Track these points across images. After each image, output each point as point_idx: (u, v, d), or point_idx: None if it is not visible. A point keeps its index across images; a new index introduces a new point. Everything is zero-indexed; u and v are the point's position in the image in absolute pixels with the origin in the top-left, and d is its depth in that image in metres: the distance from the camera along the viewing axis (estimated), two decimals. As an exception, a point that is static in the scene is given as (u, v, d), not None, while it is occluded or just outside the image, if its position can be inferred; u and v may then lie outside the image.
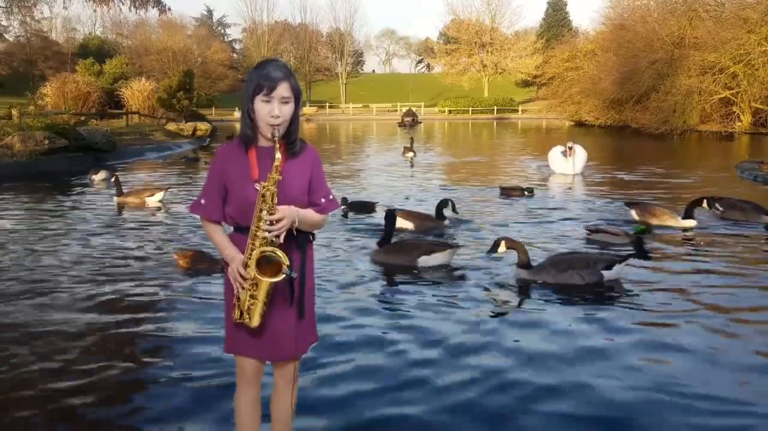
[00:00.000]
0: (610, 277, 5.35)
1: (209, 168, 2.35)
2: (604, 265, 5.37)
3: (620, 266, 5.43)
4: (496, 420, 3.18)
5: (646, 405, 3.30)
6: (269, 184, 2.15)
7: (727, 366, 3.81)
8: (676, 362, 3.87)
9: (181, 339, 4.28)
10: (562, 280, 5.33)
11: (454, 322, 4.57)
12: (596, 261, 5.40)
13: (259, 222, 2.17)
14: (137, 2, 28.19)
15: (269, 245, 2.16)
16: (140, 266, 6.20)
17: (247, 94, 2.21)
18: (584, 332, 4.38)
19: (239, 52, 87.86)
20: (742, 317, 4.64)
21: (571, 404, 3.33)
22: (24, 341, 4.22)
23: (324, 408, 3.29)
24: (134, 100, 32.32)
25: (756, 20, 27.96)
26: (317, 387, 3.49)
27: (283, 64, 2.22)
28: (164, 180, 13.24)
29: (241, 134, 2.27)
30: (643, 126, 31.28)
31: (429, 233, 7.52)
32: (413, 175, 14.57)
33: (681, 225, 7.81)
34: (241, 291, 2.23)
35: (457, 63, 75.10)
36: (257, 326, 2.24)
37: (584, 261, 5.41)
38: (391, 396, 3.43)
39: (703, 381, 3.58)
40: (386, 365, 3.84)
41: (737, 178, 13.51)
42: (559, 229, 7.96)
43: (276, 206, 2.15)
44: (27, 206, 10.09)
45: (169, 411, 3.29)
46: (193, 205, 2.37)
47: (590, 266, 5.33)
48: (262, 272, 2.16)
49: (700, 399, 3.36)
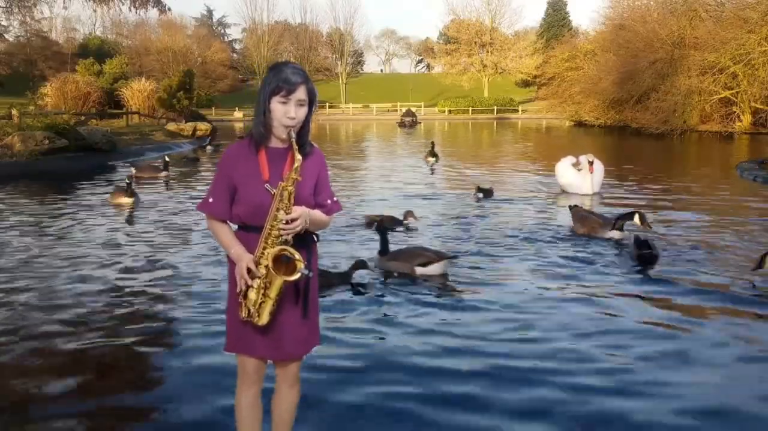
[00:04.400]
0: (424, 273, 5.76)
1: (217, 167, 2.37)
2: (420, 261, 5.78)
3: (438, 265, 5.77)
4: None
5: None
6: (288, 184, 2.17)
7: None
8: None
9: (181, 338, 4.28)
10: (387, 267, 5.93)
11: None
12: (418, 256, 5.84)
13: (274, 221, 2.18)
14: (137, 2, 28.17)
15: (282, 245, 2.18)
16: (140, 265, 6.20)
17: (264, 95, 2.23)
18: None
19: (239, 52, 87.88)
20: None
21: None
22: (22, 341, 4.22)
23: (325, 405, 3.29)
24: (134, 100, 32.32)
25: (756, 20, 27.95)
26: (317, 387, 3.49)
27: (300, 69, 2.28)
28: (163, 180, 13.24)
29: (254, 133, 2.29)
30: (643, 126, 31.26)
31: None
32: (433, 183, 12.98)
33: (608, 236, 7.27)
34: (252, 289, 2.23)
35: (457, 63, 75.09)
36: (265, 324, 2.25)
37: (409, 254, 5.93)
38: (391, 395, 3.44)
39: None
40: (394, 366, 3.85)
41: (737, 178, 13.51)
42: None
43: (292, 205, 2.18)
44: (27, 206, 10.09)
45: (170, 411, 3.29)
46: (200, 203, 2.38)
47: (409, 261, 5.81)
48: (277, 269, 2.16)
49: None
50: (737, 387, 3.56)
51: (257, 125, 2.27)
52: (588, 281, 5.63)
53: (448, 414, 3.23)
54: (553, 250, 6.83)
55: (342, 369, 3.76)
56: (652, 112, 31.29)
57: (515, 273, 5.95)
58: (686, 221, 8.48)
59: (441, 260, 5.88)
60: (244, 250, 2.27)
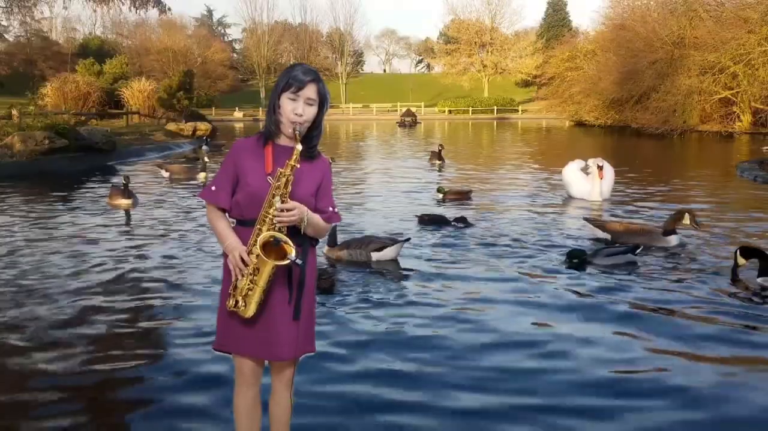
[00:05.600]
0: (379, 258, 6.05)
1: (225, 158, 2.41)
2: (375, 247, 6.09)
3: (392, 249, 6.09)
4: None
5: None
6: (286, 170, 2.19)
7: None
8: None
9: (181, 337, 4.28)
10: (341, 256, 6.17)
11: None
12: (369, 243, 6.16)
13: (269, 208, 2.19)
14: (137, 2, 28.24)
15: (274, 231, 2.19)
16: (139, 264, 6.19)
17: (275, 91, 2.29)
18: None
19: (239, 52, 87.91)
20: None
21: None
22: (21, 339, 4.22)
23: (321, 407, 3.29)
24: (134, 101, 32.37)
25: (756, 20, 27.97)
26: (316, 387, 3.49)
27: (313, 69, 2.32)
28: (162, 181, 13.25)
29: (265, 129, 2.35)
30: (643, 126, 31.30)
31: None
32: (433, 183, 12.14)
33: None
34: (241, 278, 2.24)
35: (457, 63, 75.16)
36: (251, 317, 2.25)
37: (360, 242, 6.23)
38: (393, 391, 3.44)
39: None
40: (389, 366, 3.85)
41: (737, 178, 13.52)
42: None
43: (289, 197, 2.20)
44: (27, 206, 10.08)
45: (169, 411, 3.28)
46: (203, 191, 2.40)
47: (362, 247, 6.11)
48: (266, 253, 2.16)
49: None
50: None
51: (268, 122, 2.33)
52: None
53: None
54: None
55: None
56: (652, 112, 31.32)
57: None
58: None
59: (395, 244, 6.14)
60: (238, 241, 2.28)
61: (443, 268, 6.07)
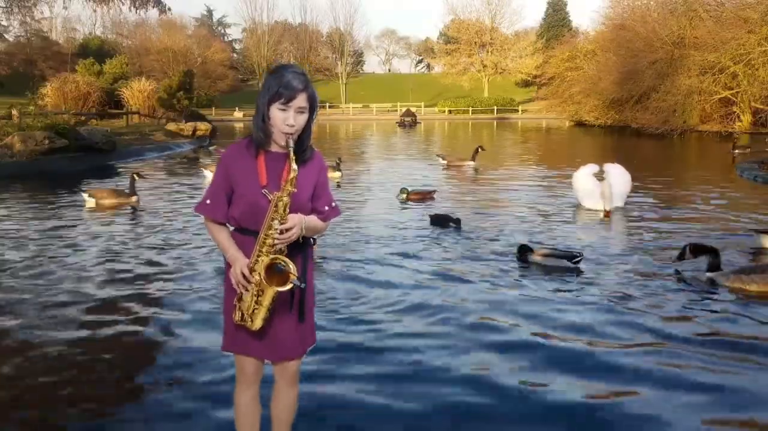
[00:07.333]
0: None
1: (216, 169, 2.36)
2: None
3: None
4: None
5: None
6: (283, 194, 2.16)
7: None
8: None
9: (180, 336, 4.28)
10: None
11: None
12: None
13: (269, 230, 2.17)
14: (137, 2, 28.24)
15: (276, 253, 2.18)
16: (139, 263, 6.19)
17: (263, 100, 2.21)
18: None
19: (239, 52, 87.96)
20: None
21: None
22: (21, 339, 4.22)
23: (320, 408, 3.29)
24: (134, 101, 32.37)
25: (756, 20, 27.97)
26: (317, 386, 3.49)
27: (301, 72, 2.23)
28: (164, 180, 13.24)
29: (253, 138, 2.27)
30: (643, 126, 31.29)
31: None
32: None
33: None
34: (246, 294, 2.24)
35: (457, 63, 75.14)
36: (259, 329, 2.26)
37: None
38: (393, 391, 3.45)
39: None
40: (389, 366, 3.85)
41: (737, 178, 13.51)
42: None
43: (287, 215, 2.17)
44: (27, 206, 10.08)
45: (169, 410, 3.28)
46: (198, 205, 2.37)
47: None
48: (269, 279, 2.16)
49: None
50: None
51: (257, 130, 2.25)
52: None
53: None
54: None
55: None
56: (652, 112, 31.32)
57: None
58: (686, 221, 8.48)
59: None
60: (240, 254, 2.26)
61: (443, 268, 6.08)
